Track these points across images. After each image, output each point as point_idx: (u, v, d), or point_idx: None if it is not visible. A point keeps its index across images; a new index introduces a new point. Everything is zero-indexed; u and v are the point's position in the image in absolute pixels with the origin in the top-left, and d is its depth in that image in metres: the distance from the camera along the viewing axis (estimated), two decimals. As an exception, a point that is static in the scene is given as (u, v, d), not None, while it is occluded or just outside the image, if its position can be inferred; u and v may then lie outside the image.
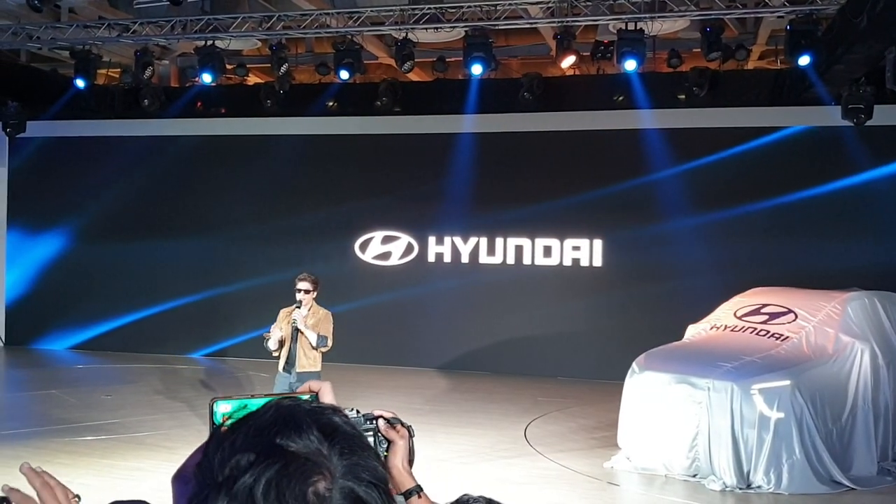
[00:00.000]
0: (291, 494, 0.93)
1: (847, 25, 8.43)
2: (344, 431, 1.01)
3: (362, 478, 0.98)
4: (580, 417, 10.02)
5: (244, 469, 0.95)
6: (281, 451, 0.96)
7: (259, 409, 1.01)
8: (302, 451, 0.96)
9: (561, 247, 12.93)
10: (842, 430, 7.56)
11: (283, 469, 0.94)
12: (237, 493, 0.93)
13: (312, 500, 0.94)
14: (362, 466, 0.99)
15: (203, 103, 13.92)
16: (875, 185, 11.51)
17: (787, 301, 8.45)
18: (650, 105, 12.10)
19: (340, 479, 0.96)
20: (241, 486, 0.94)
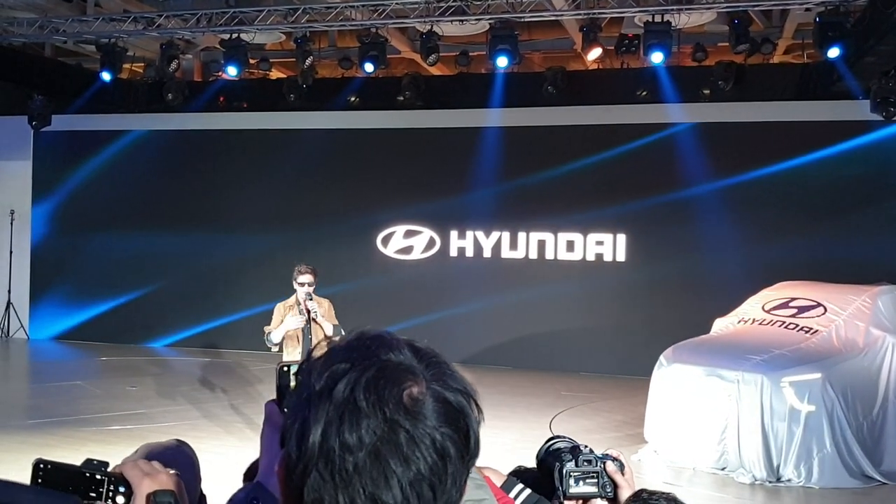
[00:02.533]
0: (390, 395, 0.95)
1: (878, 16, 8.35)
2: (429, 351, 1.04)
3: (451, 385, 1.00)
4: (605, 411, 9.97)
5: (342, 374, 0.97)
6: (375, 357, 0.98)
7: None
8: (394, 360, 0.98)
9: (584, 241, 12.87)
10: (873, 424, 7.48)
11: (379, 372, 0.97)
12: (337, 396, 0.95)
13: (408, 402, 0.96)
14: (450, 376, 1.01)
15: (226, 97, 13.97)
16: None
17: (815, 295, 8.37)
18: (675, 99, 12.02)
19: (432, 385, 0.98)
20: (341, 388, 0.96)
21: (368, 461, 0.93)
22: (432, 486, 0.95)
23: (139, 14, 10.69)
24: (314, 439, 0.94)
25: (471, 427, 1.00)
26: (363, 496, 0.94)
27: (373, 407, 0.94)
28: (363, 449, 0.93)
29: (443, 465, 0.96)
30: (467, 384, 1.02)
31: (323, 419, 0.95)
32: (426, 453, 0.95)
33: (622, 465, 2.04)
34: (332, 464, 0.94)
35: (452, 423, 0.98)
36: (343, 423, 0.94)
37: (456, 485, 0.98)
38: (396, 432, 0.94)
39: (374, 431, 0.94)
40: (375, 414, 0.94)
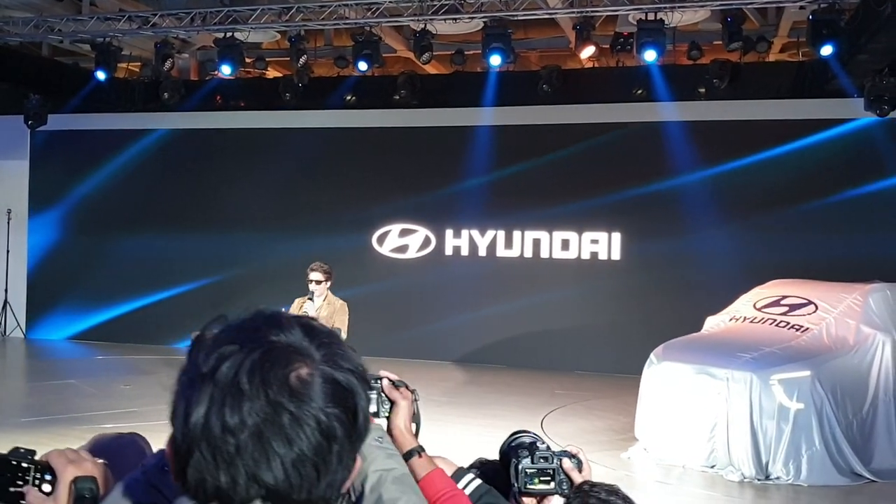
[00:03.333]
0: (275, 378, 0.96)
1: (871, 14, 8.35)
2: (323, 330, 1.04)
3: (341, 365, 1.01)
4: (598, 410, 9.98)
5: (227, 356, 0.97)
6: (263, 339, 0.98)
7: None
8: (283, 341, 0.98)
9: (579, 240, 12.88)
10: (862, 422, 7.47)
11: (266, 354, 0.97)
12: (220, 378, 0.95)
13: (295, 383, 0.97)
14: (341, 356, 1.02)
15: (222, 97, 13.99)
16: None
17: (807, 293, 8.37)
18: (670, 98, 12.02)
19: (321, 366, 0.98)
20: (224, 370, 0.96)
21: (250, 442, 0.95)
22: (316, 465, 0.97)
23: (134, 13, 10.71)
24: (196, 420, 0.96)
25: (359, 406, 1.02)
26: (245, 476, 0.95)
27: (256, 389, 0.95)
28: (245, 430, 0.95)
29: (328, 446, 0.98)
30: (358, 364, 1.03)
31: (206, 401, 0.96)
32: (310, 434, 0.96)
33: (580, 463, 2.04)
34: (214, 445, 0.95)
35: (341, 402, 0.99)
36: (225, 406, 0.95)
37: (342, 463, 1.00)
38: (279, 414, 0.95)
39: (256, 413, 0.95)
40: (258, 396, 0.95)
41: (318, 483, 0.99)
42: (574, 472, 2.00)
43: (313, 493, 0.99)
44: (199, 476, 0.97)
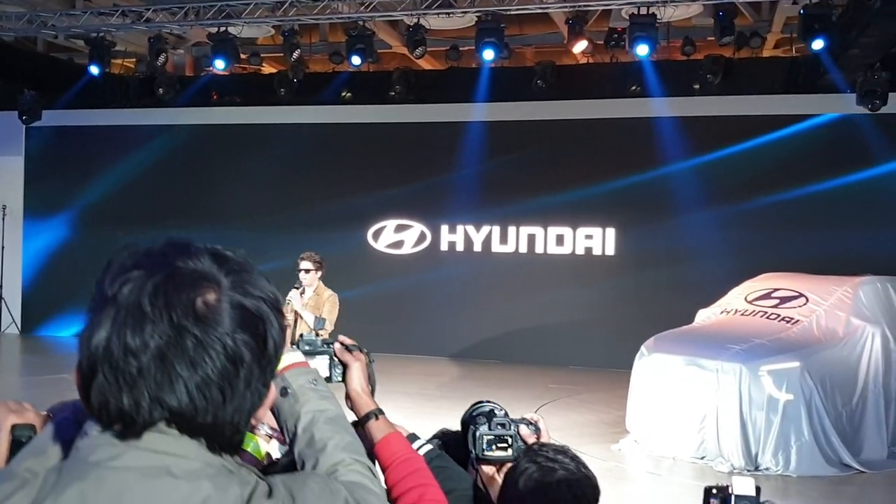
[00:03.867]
0: (179, 301, 0.96)
1: (861, 8, 8.37)
2: (236, 260, 1.05)
3: (250, 292, 1.02)
4: (590, 403, 10.00)
5: (131, 280, 0.98)
6: (168, 264, 0.99)
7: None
8: (189, 267, 0.99)
9: (574, 235, 12.91)
10: (852, 414, 7.50)
11: (169, 278, 0.98)
12: (122, 300, 0.96)
13: (201, 308, 0.97)
14: (251, 283, 1.03)
15: (217, 92, 14.01)
16: (890, 172, 11.39)
17: (798, 285, 8.40)
18: (664, 93, 12.04)
19: (229, 292, 0.99)
20: (126, 292, 0.97)
21: (153, 365, 0.96)
22: (222, 389, 0.98)
23: (127, 7, 10.72)
24: (98, 342, 0.97)
25: (269, 332, 1.02)
26: (148, 398, 0.96)
27: (158, 312, 0.96)
28: (147, 352, 0.95)
29: (234, 370, 0.99)
30: (270, 292, 1.04)
31: (108, 323, 0.97)
32: (216, 358, 0.97)
33: (538, 430, 2.05)
34: (116, 366, 0.96)
35: (250, 328, 1.00)
36: (126, 327, 0.96)
37: (251, 388, 1.01)
38: (183, 337, 0.96)
39: (158, 336, 0.96)
40: (161, 319, 0.96)
41: (225, 407, 1.00)
42: (531, 439, 2.00)
43: (219, 417, 1.00)
44: (103, 398, 0.98)
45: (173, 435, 1.00)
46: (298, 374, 1.39)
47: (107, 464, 0.99)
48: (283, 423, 1.37)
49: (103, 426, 1.00)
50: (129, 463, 0.99)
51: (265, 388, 1.05)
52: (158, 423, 0.99)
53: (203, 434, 1.01)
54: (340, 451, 1.28)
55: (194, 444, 1.01)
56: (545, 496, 1.81)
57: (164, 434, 1.00)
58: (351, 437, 1.32)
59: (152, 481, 0.98)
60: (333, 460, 1.26)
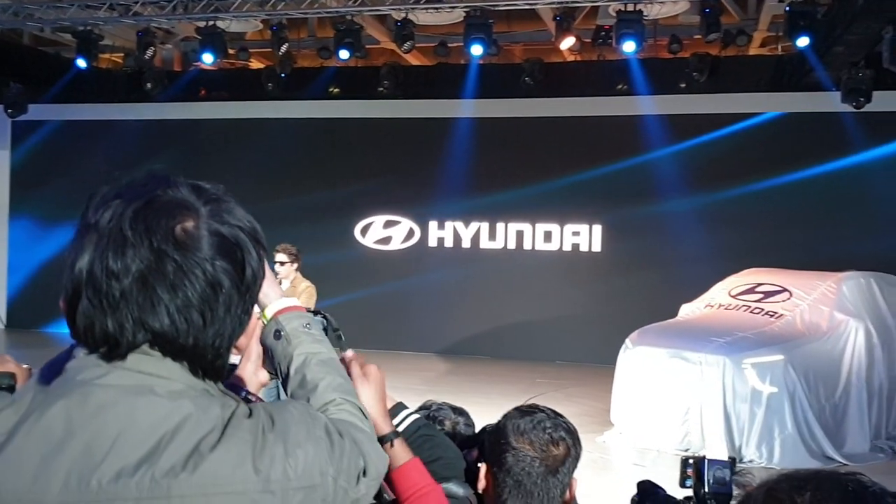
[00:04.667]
0: (158, 227, 1.00)
1: (846, 5, 8.44)
2: (215, 190, 1.10)
3: (228, 221, 1.07)
4: (577, 397, 10.05)
5: (112, 207, 1.02)
6: (149, 193, 1.03)
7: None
8: (169, 195, 1.02)
9: (561, 232, 12.96)
10: (835, 407, 7.57)
11: (148, 205, 1.02)
12: (103, 227, 1.00)
13: (180, 234, 1.01)
14: (229, 212, 1.08)
15: (206, 87, 13.98)
16: (873, 170, 11.49)
17: (781, 280, 8.46)
18: (651, 91, 12.11)
19: (207, 220, 1.03)
20: (107, 217, 1.01)
21: (135, 287, 0.99)
22: (202, 313, 1.01)
23: (115, 1, 10.68)
24: (80, 266, 1.00)
25: (247, 260, 1.06)
26: (131, 321, 1.00)
27: (139, 237, 1.00)
28: (129, 276, 0.99)
29: (214, 295, 1.02)
30: (247, 222, 1.08)
31: (91, 248, 1.00)
32: (196, 282, 1.01)
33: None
34: (99, 289, 1.00)
35: (228, 255, 1.04)
36: (108, 251, 0.99)
37: (230, 314, 1.04)
38: (164, 262, 1.00)
39: (140, 260, 0.99)
40: (141, 243, 1.00)
41: (206, 330, 1.03)
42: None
43: (200, 340, 1.03)
44: (88, 321, 1.01)
45: (157, 357, 1.03)
46: (292, 317, 1.42)
47: (92, 381, 1.02)
48: (276, 364, 1.40)
49: (89, 349, 1.04)
50: (114, 381, 1.02)
51: (245, 315, 1.08)
52: (142, 345, 1.02)
53: (186, 357, 1.04)
54: (331, 392, 1.30)
55: (178, 366, 1.04)
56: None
57: (149, 355, 1.03)
58: (342, 379, 1.34)
59: (136, 398, 1.01)
60: (324, 400, 1.29)
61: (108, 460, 0.99)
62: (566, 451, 1.90)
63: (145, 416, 1.01)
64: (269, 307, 1.42)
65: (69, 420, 1.00)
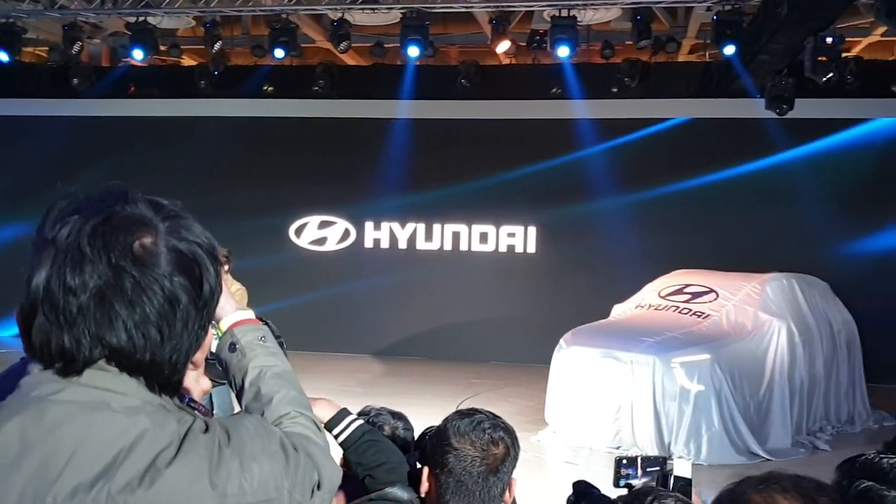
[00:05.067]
0: (117, 243, 1.01)
1: (770, 15, 8.72)
2: (173, 207, 1.10)
3: (186, 237, 1.07)
4: (512, 397, 10.17)
5: (70, 223, 1.02)
6: (108, 209, 1.02)
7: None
8: (126, 211, 1.02)
9: (497, 233, 13.08)
10: (759, 404, 7.83)
11: (106, 221, 1.02)
12: (61, 243, 1.00)
13: (138, 250, 1.01)
14: (187, 229, 1.08)
15: (135, 84, 13.67)
16: (794, 171, 11.92)
17: (708, 281, 8.72)
18: (584, 95, 12.32)
19: (166, 236, 1.03)
20: (65, 234, 1.01)
21: (92, 304, 0.99)
22: (160, 328, 1.02)
23: (41, -6, 10.38)
24: (38, 282, 1.00)
25: (205, 276, 1.07)
26: (88, 337, 0.99)
27: (97, 253, 0.99)
28: (87, 292, 0.99)
29: (172, 311, 1.03)
30: (205, 238, 1.09)
31: (48, 264, 1.00)
32: (153, 298, 1.01)
33: None
34: (56, 306, 0.99)
35: (186, 271, 1.04)
36: (66, 267, 0.99)
37: (188, 329, 1.05)
38: (122, 278, 1.00)
39: (98, 276, 0.99)
40: (100, 259, 0.99)
41: (163, 346, 1.03)
42: None
43: (157, 356, 1.04)
44: (44, 337, 1.01)
45: (113, 372, 1.03)
46: (247, 330, 1.42)
47: (48, 397, 1.02)
48: (231, 377, 1.40)
49: (45, 364, 1.03)
50: (70, 397, 1.02)
51: (202, 330, 1.09)
52: (99, 360, 1.02)
53: (142, 372, 1.04)
54: (286, 405, 1.31)
55: (134, 382, 1.04)
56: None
57: (105, 371, 1.03)
58: (296, 392, 1.35)
59: (92, 414, 1.01)
60: (279, 412, 1.30)
61: (64, 476, 0.99)
62: (505, 450, 1.95)
63: (101, 431, 1.01)
64: (223, 319, 1.42)
65: (24, 437, 0.99)
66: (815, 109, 11.52)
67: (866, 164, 11.90)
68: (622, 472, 2.19)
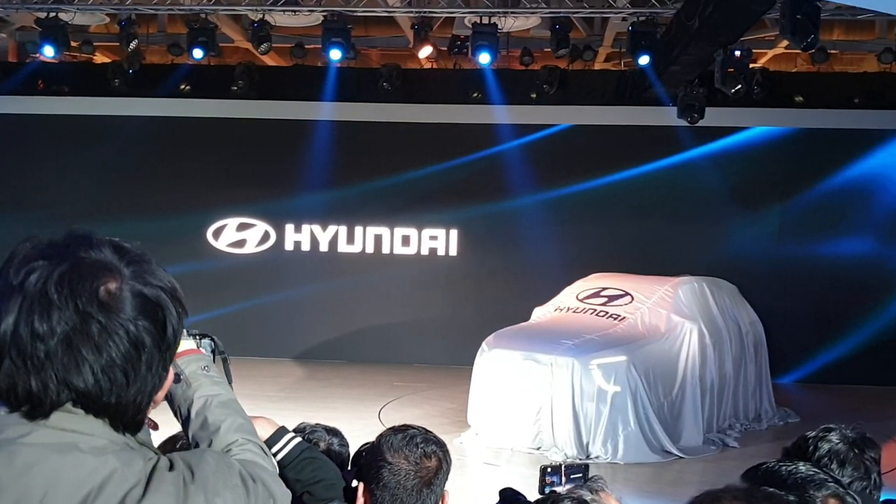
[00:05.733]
0: (83, 289, 1.03)
1: (682, 28, 9.05)
2: (136, 251, 1.12)
3: (150, 282, 1.10)
4: (434, 399, 10.25)
5: (36, 269, 1.04)
6: (72, 255, 1.05)
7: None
8: (92, 257, 1.05)
9: (419, 236, 13.15)
10: (672, 404, 8.12)
11: (73, 267, 1.04)
12: (29, 289, 1.02)
13: (104, 296, 1.04)
14: (150, 273, 1.11)
15: (44, 81, 13.19)
16: (704, 176, 12.39)
17: (624, 285, 9.00)
18: (503, 100, 12.51)
19: (130, 281, 1.06)
20: (33, 280, 1.03)
21: (60, 349, 1.02)
22: (125, 372, 1.05)
23: (-58, -15, 9.94)
24: (6, 328, 1.02)
25: (168, 320, 1.10)
26: (55, 381, 1.02)
27: (64, 299, 1.02)
28: (54, 337, 1.01)
29: (137, 354, 1.06)
30: (168, 282, 1.12)
31: (15, 310, 1.02)
32: (119, 343, 1.04)
33: None
34: (24, 351, 1.01)
35: (150, 315, 1.07)
36: (34, 314, 1.01)
37: (152, 371, 1.09)
38: (88, 323, 1.02)
39: (65, 322, 1.02)
40: (67, 306, 1.02)
41: (128, 388, 1.06)
42: None
43: (123, 398, 1.07)
44: (11, 381, 1.02)
45: (80, 414, 1.06)
46: (191, 360, 1.45)
47: (17, 440, 1.03)
48: (176, 407, 1.42)
49: (11, 407, 1.05)
50: (39, 440, 1.04)
51: (164, 371, 1.12)
52: (65, 403, 1.04)
53: (108, 414, 1.07)
54: (233, 433, 1.36)
55: (100, 423, 1.07)
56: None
57: (72, 413, 1.05)
58: (242, 420, 1.39)
59: (62, 456, 1.03)
60: (227, 441, 1.34)
61: None
62: (438, 463, 2.01)
63: (71, 473, 1.02)
64: None
65: None
66: (724, 118, 12.01)
67: (768, 168, 12.46)
68: (547, 479, 2.29)
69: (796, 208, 12.42)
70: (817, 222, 12.30)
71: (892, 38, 11.76)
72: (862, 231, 12.30)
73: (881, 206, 12.32)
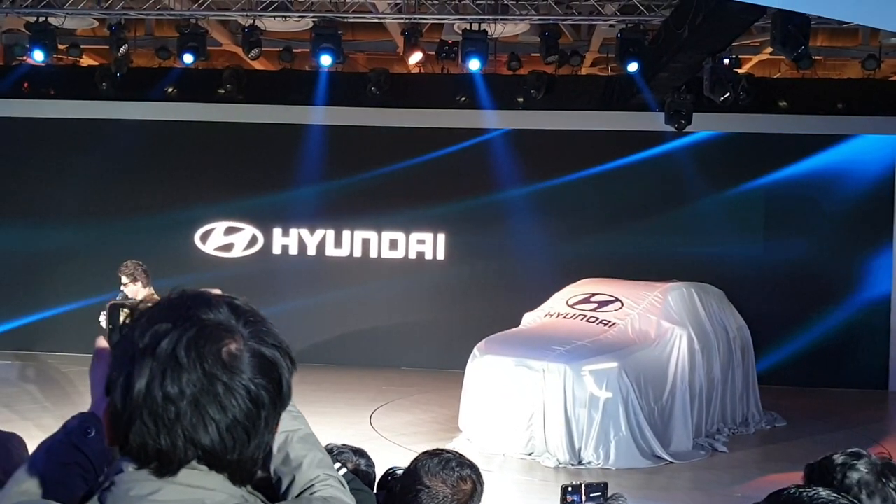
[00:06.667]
0: (209, 352, 1.09)
1: (671, 36, 9.13)
2: (249, 309, 1.18)
3: (266, 341, 1.15)
4: (424, 404, 10.29)
5: (164, 334, 1.10)
6: (196, 317, 1.10)
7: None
8: (213, 320, 1.10)
9: (407, 240, 13.18)
10: (662, 409, 8.21)
11: (199, 332, 1.10)
12: (160, 354, 1.07)
13: (227, 357, 1.10)
14: (266, 333, 1.16)
15: (30, 84, 13.10)
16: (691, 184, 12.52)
17: (614, 290, 9.07)
18: (491, 105, 12.57)
19: (249, 342, 1.11)
20: (163, 347, 1.08)
21: (189, 409, 1.08)
22: (247, 430, 1.11)
23: (-71, -11, 9.85)
24: (139, 391, 1.07)
25: (283, 377, 1.16)
26: (183, 439, 1.08)
27: (193, 363, 1.08)
28: (184, 399, 1.07)
29: (256, 412, 1.12)
30: (281, 340, 1.18)
31: (147, 373, 1.08)
32: (241, 402, 1.10)
33: None
34: (155, 413, 1.07)
35: (267, 374, 1.13)
36: (165, 377, 1.07)
37: (268, 427, 1.15)
38: (214, 384, 1.08)
39: (193, 384, 1.08)
40: (195, 368, 1.08)
41: (249, 445, 1.12)
42: None
43: (244, 454, 1.13)
44: (142, 440, 1.08)
45: (203, 471, 1.11)
46: None
47: (147, 497, 1.09)
48: None
49: (140, 464, 1.10)
50: (168, 497, 1.09)
51: (277, 425, 1.17)
52: (192, 461, 1.10)
53: (229, 469, 1.13)
54: (315, 468, 1.40)
55: (221, 478, 1.12)
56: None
57: (197, 470, 1.11)
58: (322, 455, 1.44)
59: None
60: (309, 476, 1.39)
61: None
62: (473, 486, 2.07)
63: None
64: None
65: None
66: (711, 123, 12.14)
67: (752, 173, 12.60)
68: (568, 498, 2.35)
69: (780, 212, 12.57)
70: (801, 226, 12.47)
71: (875, 45, 11.91)
72: (841, 233, 12.49)
73: (860, 208, 12.47)
